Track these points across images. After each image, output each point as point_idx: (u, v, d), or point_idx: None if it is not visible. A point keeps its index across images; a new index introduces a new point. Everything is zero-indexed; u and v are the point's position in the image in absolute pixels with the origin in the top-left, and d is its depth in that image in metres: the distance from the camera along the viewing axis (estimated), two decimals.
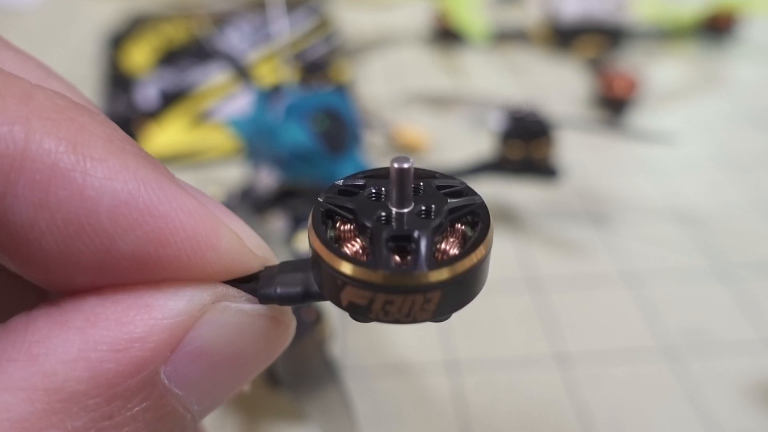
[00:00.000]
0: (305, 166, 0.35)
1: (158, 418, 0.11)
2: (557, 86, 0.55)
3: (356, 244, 0.12)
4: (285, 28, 0.47)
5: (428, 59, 0.60)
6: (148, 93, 0.54)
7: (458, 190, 0.13)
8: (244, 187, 0.37)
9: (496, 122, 0.39)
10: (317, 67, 0.50)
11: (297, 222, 0.36)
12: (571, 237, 0.39)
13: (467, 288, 0.12)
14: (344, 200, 0.13)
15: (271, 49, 0.59)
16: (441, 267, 0.11)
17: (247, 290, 0.12)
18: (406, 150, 0.47)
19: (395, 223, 0.12)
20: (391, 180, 0.12)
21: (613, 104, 0.50)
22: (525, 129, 0.38)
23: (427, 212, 0.12)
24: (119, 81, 0.55)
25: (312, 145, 0.35)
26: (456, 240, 0.12)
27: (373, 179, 0.13)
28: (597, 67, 0.54)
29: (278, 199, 0.37)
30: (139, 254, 0.11)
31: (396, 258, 0.12)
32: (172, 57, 0.59)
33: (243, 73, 0.42)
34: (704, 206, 0.41)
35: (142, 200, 0.11)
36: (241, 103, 0.50)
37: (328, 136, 0.35)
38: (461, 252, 0.12)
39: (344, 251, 0.12)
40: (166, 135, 0.49)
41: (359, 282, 0.11)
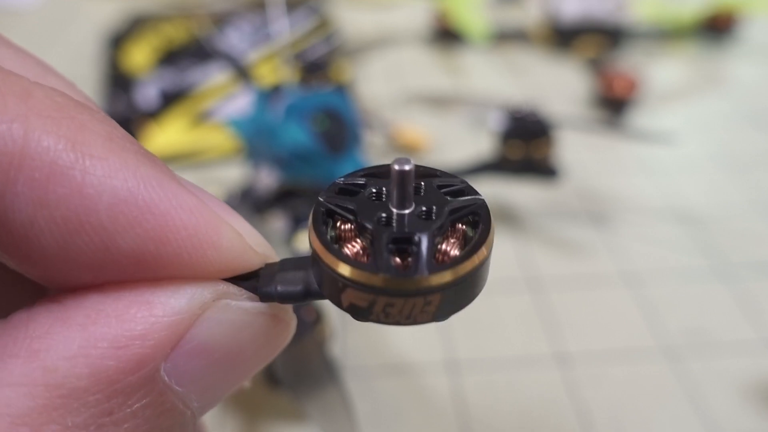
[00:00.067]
0: (305, 166, 0.35)
1: (158, 415, 0.11)
2: (557, 86, 0.55)
3: (357, 245, 0.12)
4: (285, 28, 0.47)
5: (428, 59, 0.60)
6: (148, 93, 0.54)
7: (459, 189, 0.13)
8: (244, 187, 0.37)
9: (496, 122, 0.39)
10: (317, 67, 0.50)
11: (297, 222, 0.36)
12: (571, 237, 0.39)
13: (468, 290, 0.12)
14: (345, 200, 0.13)
15: (271, 49, 0.59)
16: (442, 270, 0.11)
17: (248, 288, 0.12)
18: (406, 150, 0.47)
19: (396, 225, 0.12)
20: (392, 182, 0.12)
21: (613, 104, 0.50)
22: (525, 129, 0.38)
23: (428, 213, 0.12)
24: (119, 81, 0.55)
25: (312, 145, 0.35)
26: (457, 241, 0.12)
27: (374, 178, 0.13)
28: (597, 67, 0.54)
29: (278, 199, 0.37)
30: (139, 252, 0.11)
31: (397, 260, 0.12)
32: (172, 57, 0.59)
33: (243, 73, 0.42)
34: (704, 206, 0.41)
35: (142, 198, 0.11)
36: (241, 103, 0.50)
37: (328, 136, 0.35)
38: (462, 254, 0.12)
39: (345, 253, 0.12)
40: (166, 135, 0.49)
41: (360, 285, 0.11)
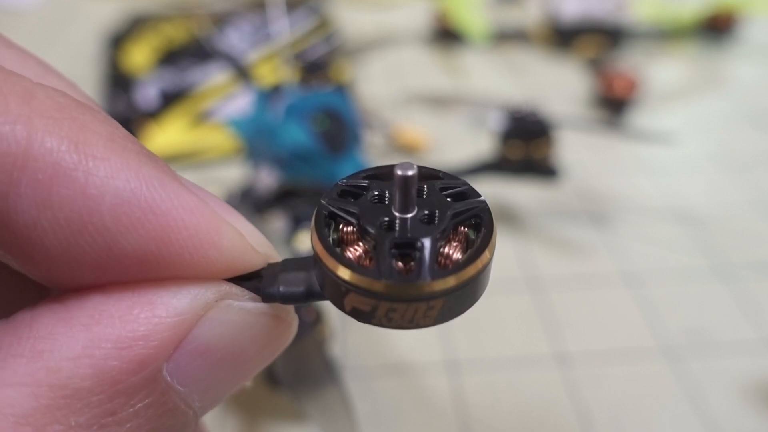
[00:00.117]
0: (305, 166, 0.35)
1: (160, 415, 0.11)
2: (557, 86, 0.55)
3: (359, 248, 0.12)
4: (285, 28, 0.47)
5: (428, 59, 0.60)
6: (148, 93, 0.54)
7: (462, 192, 0.13)
8: (244, 187, 0.37)
9: (496, 122, 0.39)
10: (317, 67, 0.50)
11: (297, 222, 0.36)
12: (571, 237, 0.39)
13: (470, 294, 0.12)
14: (347, 203, 0.13)
15: (271, 49, 0.59)
16: (445, 276, 0.11)
17: (250, 288, 0.12)
18: (406, 150, 0.47)
19: (399, 229, 0.12)
20: (396, 186, 0.12)
21: (613, 104, 0.50)
22: (525, 129, 0.38)
23: (431, 217, 0.12)
24: (119, 81, 0.55)
25: (312, 145, 0.35)
26: (459, 244, 0.12)
27: (376, 180, 0.13)
28: (597, 67, 0.54)
29: (278, 199, 0.36)
30: (142, 252, 0.11)
31: (400, 264, 0.12)
32: (172, 57, 0.59)
33: (243, 73, 0.42)
34: (704, 206, 0.41)
35: (144, 198, 0.11)
36: (241, 103, 0.50)
37: (328, 136, 0.35)
38: (464, 260, 0.12)
39: (347, 258, 0.12)
40: (166, 135, 0.49)
41: (363, 290, 0.11)
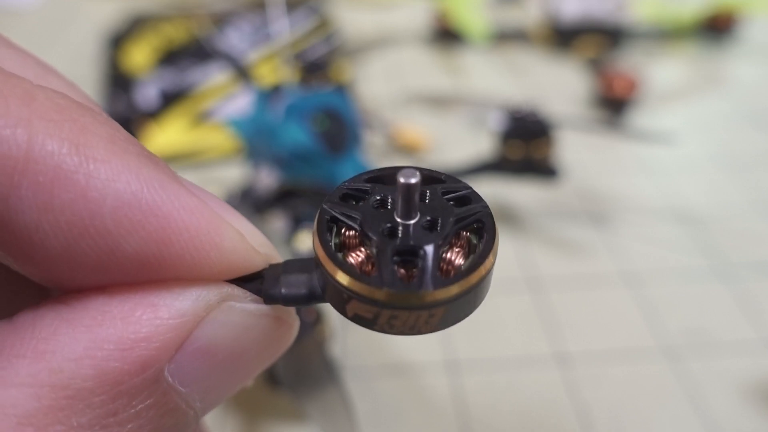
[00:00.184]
0: (305, 166, 0.35)
1: (161, 415, 0.11)
2: (557, 86, 0.55)
3: (361, 254, 0.12)
4: (285, 28, 0.47)
5: (428, 59, 0.60)
6: (148, 93, 0.54)
7: (464, 196, 0.13)
8: (244, 187, 0.37)
9: (496, 122, 0.39)
10: (317, 67, 0.50)
11: (297, 222, 0.36)
12: (571, 237, 0.39)
13: (472, 301, 0.12)
14: (349, 209, 0.12)
15: (271, 49, 0.59)
16: (447, 285, 0.11)
17: (252, 290, 0.13)
18: (406, 150, 0.47)
19: (401, 237, 0.12)
20: (398, 193, 0.12)
21: (613, 104, 0.50)
22: (525, 129, 0.38)
23: (433, 223, 0.12)
24: (119, 81, 0.55)
25: (312, 145, 0.35)
26: (461, 249, 0.12)
27: (379, 182, 0.13)
28: (597, 67, 0.54)
29: (278, 199, 0.36)
30: (143, 254, 0.11)
31: (402, 271, 0.12)
32: (172, 57, 0.59)
33: (243, 73, 0.42)
34: (704, 206, 0.41)
35: (145, 201, 0.11)
36: (241, 103, 0.50)
37: (328, 136, 0.35)
38: (467, 268, 0.12)
39: (350, 265, 0.12)
40: (166, 135, 0.49)
41: (365, 298, 0.11)
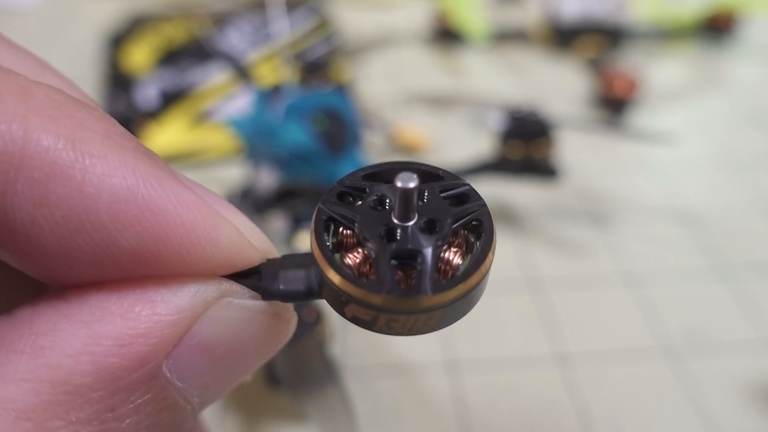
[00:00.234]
0: (305, 166, 0.35)
1: (159, 410, 0.11)
2: (557, 86, 0.55)
3: (359, 255, 0.12)
4: (285, 28, 0.47)
5: (428, 59, 0.60)
6: (148, 93, 0.54)
7: (462, 193, 0.13)
8: (244, 187, 0.37)
9: (496, 122, 0.39)
10: (317, 67, 0.50)
11: (297, 222, 0.36)
12: (571, 237, 0.39)
13: (470, 301, 0.12)
14: (346, 209, 0.12)
15: (271, 49, 0.59)
16: (446, 289, 0.11)
17: (250, 285, 0.12)
18: (406, 150, 0.47)
19: (399, 239, 0.12)
20: (396, 197, 0.12)
21: (613, 104, 0.50)
22: (525, 129, 0.38)
23: (431, 225, 0.12)
24: (119, 81, 0.55)
25: (312, 145, 0.35)
26: (459, 249, 0.12)
27: (376, 179, 0.13)
28: (597, 67, 0.54)
29: (278, 199, 0.36)
30: (139, 250, 0.11)
31: (400, 273, 0.12)
32: (172, 57, 0.59)
33: (243, 73, 0.42)
34: (704, 206, 0.41)
35: (141, 196, 0.11)
36: (241, 103, 0.50)
37: (328, 136, 0.35)
38: (465, 271, 0.12)
39: (348, 268, 0.12)
40: (166, 135, 0.49)
41: (363, 302, 0.11)
